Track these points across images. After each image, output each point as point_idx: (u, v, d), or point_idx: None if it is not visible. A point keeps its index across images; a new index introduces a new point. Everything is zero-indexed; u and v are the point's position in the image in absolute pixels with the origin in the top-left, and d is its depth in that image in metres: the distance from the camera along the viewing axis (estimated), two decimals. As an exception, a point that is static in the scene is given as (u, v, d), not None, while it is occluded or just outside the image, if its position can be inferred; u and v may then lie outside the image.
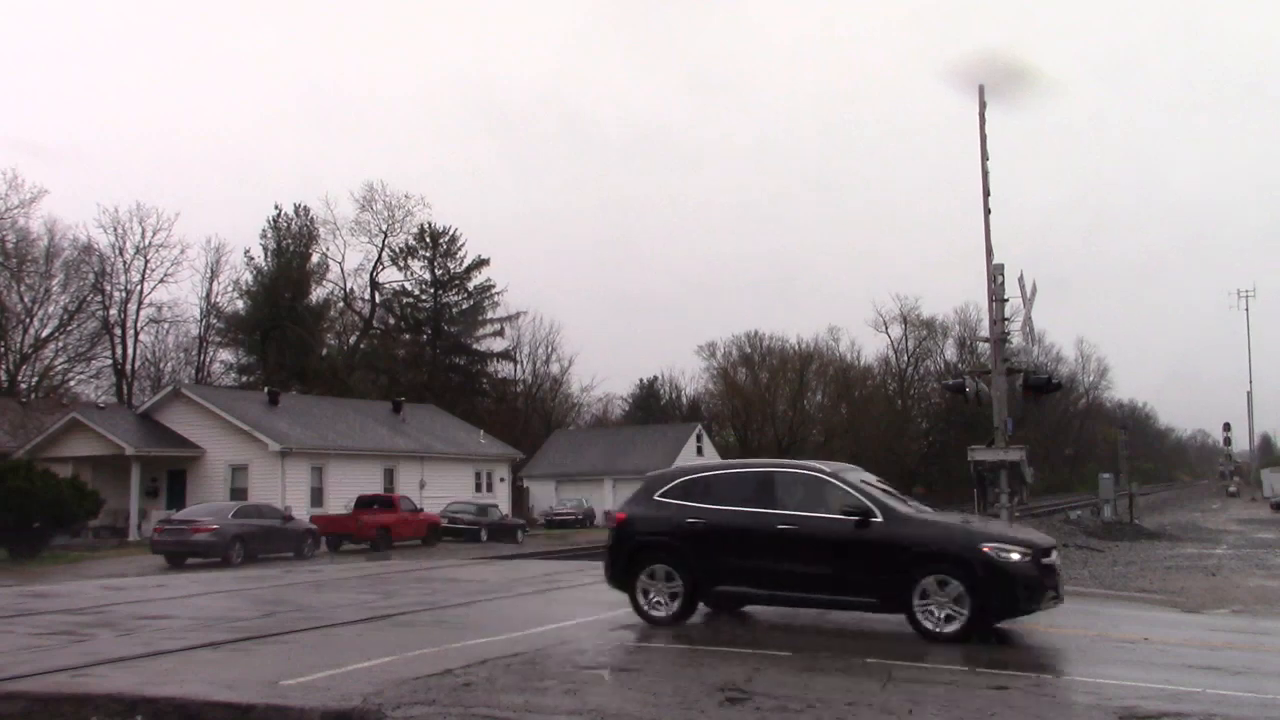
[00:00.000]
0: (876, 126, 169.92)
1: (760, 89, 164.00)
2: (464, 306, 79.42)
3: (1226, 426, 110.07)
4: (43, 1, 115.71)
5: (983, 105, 16.62)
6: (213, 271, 67.76)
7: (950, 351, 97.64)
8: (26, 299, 58.73)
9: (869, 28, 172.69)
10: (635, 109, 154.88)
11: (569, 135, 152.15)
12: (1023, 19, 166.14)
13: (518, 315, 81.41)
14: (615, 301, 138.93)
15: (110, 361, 62.73)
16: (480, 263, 78.50)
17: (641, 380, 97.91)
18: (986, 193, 16.75)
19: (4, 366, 58.77)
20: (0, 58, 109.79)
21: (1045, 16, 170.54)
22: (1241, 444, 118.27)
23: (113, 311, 62.10)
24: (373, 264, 74.91)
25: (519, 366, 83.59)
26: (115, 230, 62.72)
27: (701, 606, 12.09)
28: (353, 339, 76.47)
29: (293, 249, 72.42)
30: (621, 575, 12.17)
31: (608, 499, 62.78)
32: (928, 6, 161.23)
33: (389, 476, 45.41)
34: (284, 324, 67.37)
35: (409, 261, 76.94)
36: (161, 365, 66.08)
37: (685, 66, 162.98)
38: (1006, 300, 19.13)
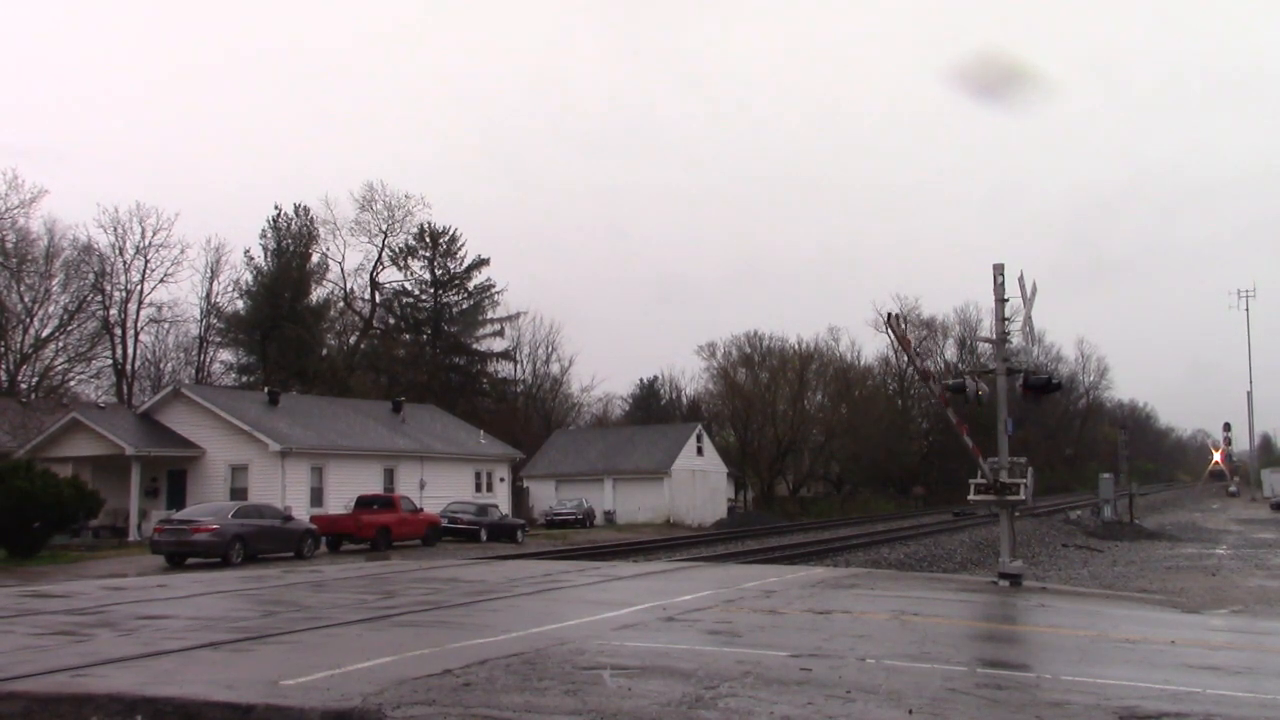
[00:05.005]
0: (876, 125, 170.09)
1: (760, 87, 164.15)
2: (464, 306, 79.47)
3: (1226, 426, 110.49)
4: (43, 2, 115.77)
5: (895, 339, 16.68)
6: (213, 271, 67.75)
7: (950, 351, 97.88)
8: (26, 299, 58.68)
9: (868, 27, 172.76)
10: (636, 110, 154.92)
11: (566, 135, 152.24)
12: (1023, 19, 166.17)
13: (517, 315, 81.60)
14: (615, 302, 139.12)
15: (110, 361, 62.70)
16: (480, 262, 78.67)
17: (641, 380, 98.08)
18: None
19: (4, 366, 58.73)
20: (1, 58, 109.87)
21: (1045, 16, 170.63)
22: (1242, 444, 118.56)
23: (113, 311, 62.07)
24: (373, 264, 75.13)
25: (519, 366, 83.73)
26: (115, 230, 62.61)
27: (711, 595, 12.07)
28: (353, 339, 76.46)
29: (293, 249, 72.34)
30: None
31: (608, 499, 62.80)
32: (927, 5, 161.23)
33: (389, 476, 45.41)
34: (284, 324, 67.31)
35: (409, 261, 77.16)
36: (161, 365, 66.10)
37: (686, 69, 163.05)
38: (1006, 300, 19.15)
